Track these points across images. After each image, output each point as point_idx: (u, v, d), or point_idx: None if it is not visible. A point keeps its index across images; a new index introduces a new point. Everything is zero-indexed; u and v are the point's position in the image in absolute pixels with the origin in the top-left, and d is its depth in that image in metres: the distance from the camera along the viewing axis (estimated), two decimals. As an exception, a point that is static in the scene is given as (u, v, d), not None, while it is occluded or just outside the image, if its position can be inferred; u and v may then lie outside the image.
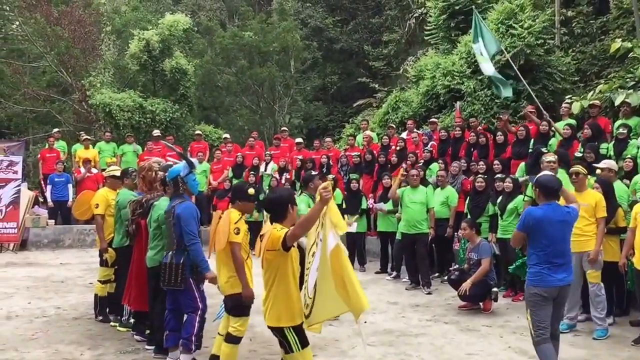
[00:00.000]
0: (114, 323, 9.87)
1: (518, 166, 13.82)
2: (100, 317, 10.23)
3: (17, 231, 18.39)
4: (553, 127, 14.40)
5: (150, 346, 8.47)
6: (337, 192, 15.15)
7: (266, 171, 19.21)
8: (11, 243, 18.31)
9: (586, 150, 12.27)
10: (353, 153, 18.47)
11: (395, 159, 16.72)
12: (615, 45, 15.54)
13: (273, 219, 6.11)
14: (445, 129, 17.40)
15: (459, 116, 18.06)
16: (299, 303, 6.10)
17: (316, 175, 12.27)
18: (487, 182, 13.38)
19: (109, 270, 10.09)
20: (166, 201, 8.05)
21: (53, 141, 20.83)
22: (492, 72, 16.44)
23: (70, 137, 26.24)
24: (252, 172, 18.66)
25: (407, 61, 28.32)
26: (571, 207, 7.31)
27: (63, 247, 18.80)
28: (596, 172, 10.62)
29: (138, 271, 8.76)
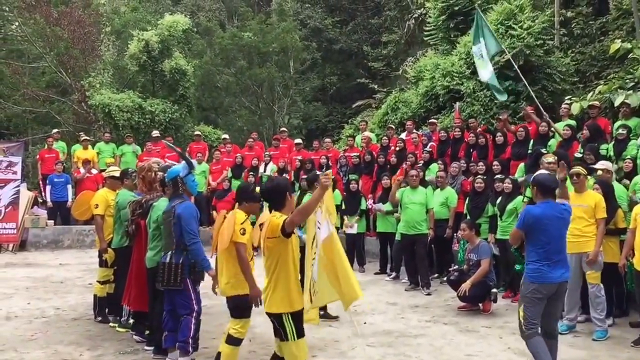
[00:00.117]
0: (113, 324, 9.87)
1: (517, 167, 13.83)
2: (99, 318, 10.23)
3: (17, 232, 18.37)
4: (553, 128, 14.40)
5: (149, 347, 8.47)
6: (336, 193, 15.13)
7: (265, 172, 19.19)
8: (10, 243, 18.28)
9: (586, 151, 12.26)
10: (352, 154, 18.45)
11: (394, 160, 16.70)
12: (614, 46, 15.55)
13: (272, 208, 6.19)
14: (444, 130, 17.38)
15: (458, 117, 18.06)
16: (299, 290, 6.16)
17: (318, 175, 12.27)
18: (487, 183, 13.37)
19: (108, 270, 10.09)
20: (165, 202, 8.06)
21: (52, 142, 20.81)
22: (488, 78, 16.41)
23: (69, 138, 26.18)
24: (252, 173, 18.65)
25: (407, 62, 28.32)
26: (566, 204, 7.43)
27: (62, 248, 18.78)
28: (595, 173, 10.63)
29: (138, 271, 8.76)
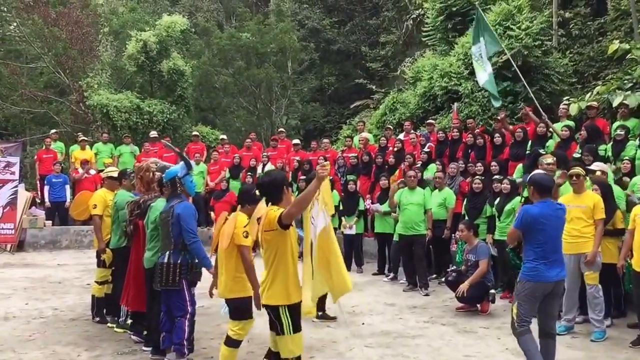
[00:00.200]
0: (111, 324, 9.87)
1: (516, 168, 13.82)
2: (97, 318, 10.22)
3: (15, 232, 18.37)
4: (551, 129, 14.41)
5: (147, 347, 8.46)
6: (334, 194, 15.12)
7: (263, 173, 19.17)
8: (8, 244, 18.27)
9: (584, 152, 12.26)
10: (350, 154, 18.45)
11: (392, 160, 16.69)
12: (613, 46, 15.57)
13: (269, 202, 6.18)
14: (442, 130, 17.37)
15: (456, 117, 18.06)
16: (297, 282, 6.16)
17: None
18: (485, 184, 13.37)
19: (106, 271, 10.08)
20: (163, 202, 8.06)
21: (50, 142, 20.82)
22: (484, 82, 16.41)
23: (67, 138, 26.23)
24: (250, 174, 18.65)
25: (405, 62, 28.36)
26: (561, 204, 7.54)
27: (60, 248, 18.76)
28: (594, 174, 10.62)
29: (136, 272, 8.77)
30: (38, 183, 20.57)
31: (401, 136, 18.47)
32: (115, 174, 10.32)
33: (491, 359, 8.43)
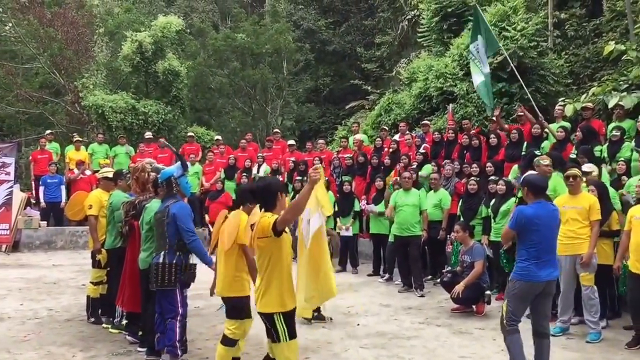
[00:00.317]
0: (106, 325, 9.85)
1: (511, 168, 13.82)
2: (92, 319, 10.20)
3: (10, 232, 18.32)
4: (547, 129, 14.42)
5: (142, 348, 8.44)
6: (330, 194, 15.12)
7: (259, 173, 19.18)
8: (3, 244, 18.24)
9: (579, 153, 12.27)
10: (345, 155, 18.45)
11: (388, 161, 16.69)
12: (608, 47, 15.58)
13: (263, 208, 6.13)
14: (438, 131, 17.36)
15: (452, 118, 18.05)
16: (291, 289, 6.14)
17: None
18: (480, 185, 13.38)
19: (101, 271, 10.06)
20: (157, 203, 8.05)
21: (45, 143, 20.79)
22: (477, 85, 16.43)
23: (63, 139, 26.22)
24: (245, 174, 18.66)
25: (400, 63, 28.32)
26: (555, 205, 7.58)
27: (55, 249, 18.74)
28: (590, 175, 10.64)
29: (131, 272, 8.76)
30: (33, 184, 20.54)
31: (396, 137, 18.46)
32: (110, 175, 10.30)
33: (486, 360, 8.45)
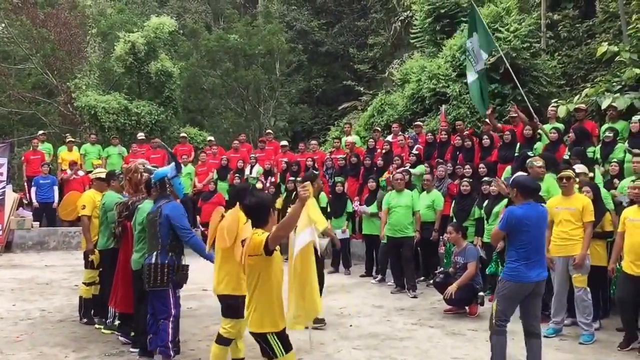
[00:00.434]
0: (99, 325, 9.84)
1: (504, 170, 13.82)
2: (84, 320, 10.19)
3: (2, 233, 18.28)
4: (541, 130, 14.43)
5: (135, 349, 8.44)
6: (322, 195, 15.11)
7: (251, 174, 19.17)
8: (-5, 245, 18.23)
9: (572, 155, 12.29)
10: (338, 156, 18.44)
11: (381, 162, 16.68)
12: (601, 49, 15.59)
13: (254, 224, 6.06)
14: (431, 132, 17.36)
15: (444, 120, 18.05)
16: (282, 307, 6.07)
17: (318, 174, 12.29)
18: (473, 186, 13.40)
19: (94, 272, 10.05)
20: (150, 204, 8.05)
21: (37, 143, 20.76)
22: (471, 81, 16.45)
23: (55, 139, 26.18)
24: (237, 175, 18.66)
25: (393, 64, 28.33)
26: (544, 206, 7.67)
27: (48, 250, 18.71)
28: (585, 176, 10.67)
29: (124, 273, 8.76)
30: (25, 184, 20.50)
31: (389, 138, 18.45)
32: (103, 175, 10.30)
33: (479, 361, 8.45)
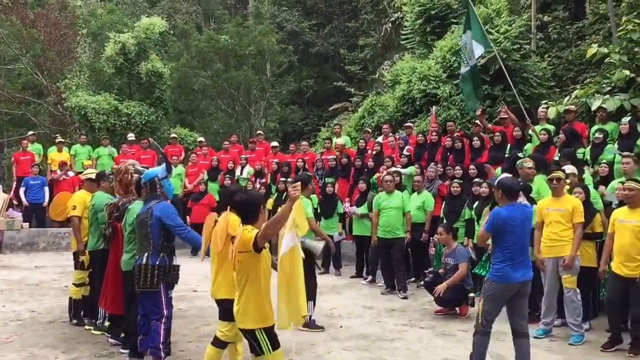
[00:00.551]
0: (89, 326, 9.81)
1: (495, 171, 13.84)
2: (74, 321, 10.15)
3: (-9, 234, 18.23)
4: (533, 132, 14.46)
5: (125, 350, 8.41)
6: (312, 196, 15.07)
7: (242, 175, 19.16)
8: (-15, 246, 18.14)
9: (562, 157, 12.30)
10: (329, 157, 18.43)
11: (371, 163, 16.67)
12: (591, 50, 15.61)
13: (244, 221, 6.11)
14: (422, 133, 17.36)
15: (435, 121, 18.05)
16: (270, 304, 6.12)
17: (311, 177, 12.29)
18: (463, 187, 13.42)
19: (84, 273, 10.02)
20: (140, 204, 8.01)
21: (26, 144, 20.68)
22: (463, 71, 16.50)
23: (45, 140, 26.07)
24: (228, 176, 18.63)
25: (383, 65, 28.34)
26: (529, 205, 7.77)
27: (37, 250, 18.65)
28: (575, 177, 10.71)
29: (114, 274, 8.72)
30: (14, 185, 20.40)
31: (380, 139, 18.45)
32: (93, 176, 10.26)
33: (469, 362, 8.45)
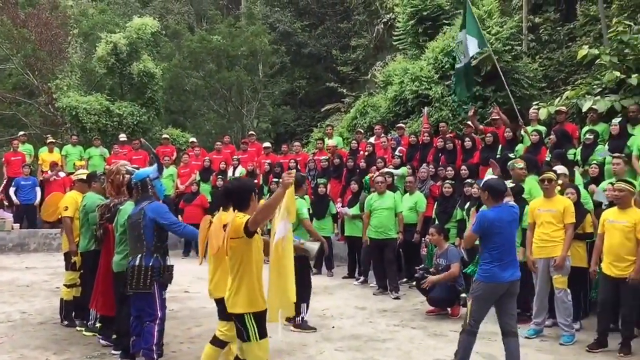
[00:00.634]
0: (80, 327, 9.79)
1: (486, 172, 13.85)
2: (66, 322, 10.13)
3: (-18, 235, 18.19)
4: (524, 132, 14.49)
5: (116, 351, 8.39)
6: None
7: (234, 176, 19.14)
8: (-24, 247, 18.10)
9: (552, 158, 12.33)
10: (321, 157, 18.44)
11: (363, 164, 16.68)
12: (582, 52, 15.65)
13: (236, 208, 6.16)
14: (414, 134, 17.39)
15: (427, 122, 18.08)
16: (262, 290, 6.15)
17: (305, 177, 12.33)
18: (455, 188, 13.44)
19: (75, 274, 9.99)
20: (131, 205, 7.98)
21: (17, 144, 20.62)
22: (457, 67, 16.56)
23: (37, 140, 26.00)
24: (220, 177, 18.61)
25: (375, 66, 28.37)
26: (515, 205, 7.77)
27: (28, 251, 18.59)
28: (566, 178, 10.74)
29: (105, 275, 8.69)
30: (4, 185, 20.33)
31: (372, 140, 18.47)
32: (84, 177, 10.24)
33: (461, 363, 8.46)
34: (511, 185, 10.54)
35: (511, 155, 13.04)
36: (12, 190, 19.11)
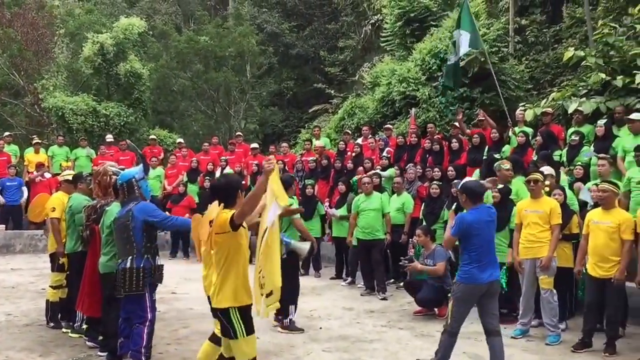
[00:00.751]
0: (66, 329, 9.75)
1: (473, 173, 13.89)
2: (52, 324, 10.08)
3: (-33, 236, 18.10)
4: (512, 132, 14.55)
5: (102, 352, 8.36)
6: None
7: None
8: (-39, 248, 18.01)
9: (538, 159, 12.38)
10: (309, 158, 18.44)
11: (351, 165, 16.68)
12: (568, 53, 15.72)
13: (222, 204, 6.16)
14: (402, 135, 17.42)
15: (414, 123, 18.11)
16: (247, 285, 6.12)
17: (294, 178, 12.34)
18: (442, 189, 13.45)
19: (61, 275, 9.94)
20: (117, 207, 7.93)
21: (3, 145, 20.50)
22: (450, 62, 16.63)
23: (22, 141, 25.92)
24: (207, 178, 18.57)
25: (363, 67, 28.45)
26: (492, 207, 7.94)
27: (14, 253, 18.48)
28: (552, 179, 10.77)
29: (92, 277, 8.66)
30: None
31: (359, 141, 18.48)
32: (70, 177, 10.21)
33: (448, 363, 8.47)
34: (500, 186, 10.62)
35: (496, 155, 13.08)
36: (-2, 191, 19.04)
